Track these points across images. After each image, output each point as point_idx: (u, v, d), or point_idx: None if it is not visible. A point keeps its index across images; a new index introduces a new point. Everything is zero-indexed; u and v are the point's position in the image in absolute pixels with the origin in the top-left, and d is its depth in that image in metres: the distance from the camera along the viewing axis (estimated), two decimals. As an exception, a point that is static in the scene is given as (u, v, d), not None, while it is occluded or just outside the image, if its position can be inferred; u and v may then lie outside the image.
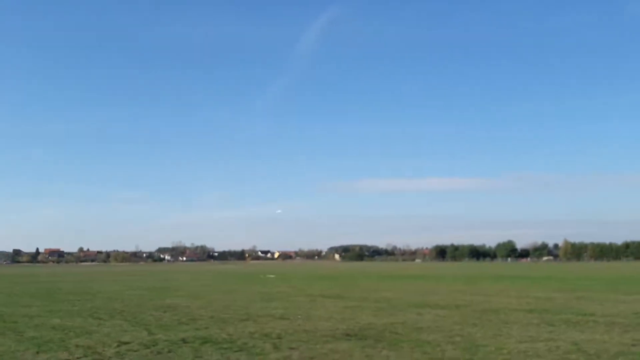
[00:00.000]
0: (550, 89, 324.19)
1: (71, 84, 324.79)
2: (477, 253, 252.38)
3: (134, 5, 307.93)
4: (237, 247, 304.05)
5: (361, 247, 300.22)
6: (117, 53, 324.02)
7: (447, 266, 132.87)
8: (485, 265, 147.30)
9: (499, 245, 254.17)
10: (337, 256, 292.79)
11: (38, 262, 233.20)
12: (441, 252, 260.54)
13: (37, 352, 13.42)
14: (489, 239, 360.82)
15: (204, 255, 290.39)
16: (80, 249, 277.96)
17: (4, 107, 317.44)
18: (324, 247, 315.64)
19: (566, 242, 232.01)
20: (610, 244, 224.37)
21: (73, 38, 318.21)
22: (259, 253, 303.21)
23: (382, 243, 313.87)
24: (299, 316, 20.32)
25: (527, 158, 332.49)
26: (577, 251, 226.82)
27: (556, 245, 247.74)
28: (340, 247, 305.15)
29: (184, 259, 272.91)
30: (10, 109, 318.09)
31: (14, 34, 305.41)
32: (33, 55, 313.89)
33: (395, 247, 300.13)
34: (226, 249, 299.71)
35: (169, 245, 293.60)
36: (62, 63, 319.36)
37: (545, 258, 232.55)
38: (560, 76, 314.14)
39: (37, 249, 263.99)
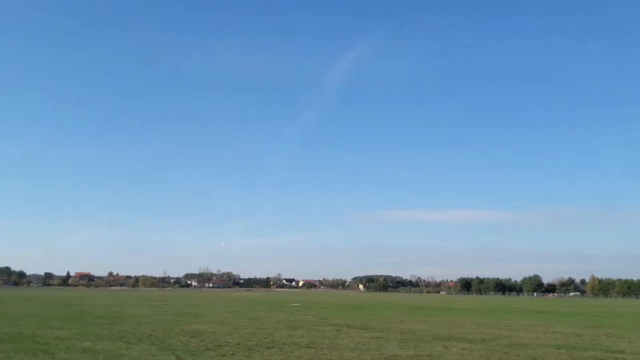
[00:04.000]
0: (579, 124, 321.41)
1: (103, 111, 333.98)
2: (503, 287, 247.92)
3: (167, 36, 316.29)
4: (262, 274, 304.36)
5: (385, 278, 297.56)
6: (149, 83, 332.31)
7: (472, 299, 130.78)
8: (511, 299, 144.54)
9: (525, 280, 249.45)
10: (361, 286, 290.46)
11: (68, 285, 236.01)
12: (466, 285, 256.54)
13: (71, 373, 13.81)
14: (515, 273, 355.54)
15: (230, 282, 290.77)
16: (110, 274, 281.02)
17: (38, 134, 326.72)
18: (348, 276, 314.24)
19: (593, 278, 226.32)
20: (639, 281, 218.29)
21: (103, 68, 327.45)
22: (284, 281, 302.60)
23: (406, 274, 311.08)
24: (324, 345, 20.42)
25: (556, 192, 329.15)
26: (604, 287, 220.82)
27: (583, 281, 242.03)
28: (365, 277, 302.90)
29: (210, 285, 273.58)
30: (45, 136, 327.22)
31: (51, 63, 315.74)
32: (66, 82, 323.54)
33: (419, 279, 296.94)
34: (251, 276, 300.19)
35: (196, 271, 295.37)
36: (94, 91, 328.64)
37: (571, 294, 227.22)
38: (588, 110, 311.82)
39: (68, 273, 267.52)
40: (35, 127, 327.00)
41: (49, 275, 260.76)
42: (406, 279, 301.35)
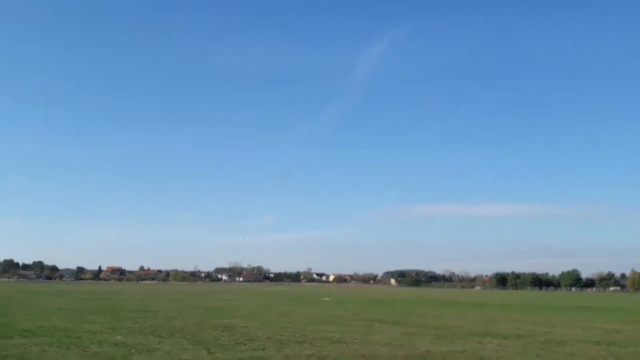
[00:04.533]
0: (618, 116, 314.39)
1: (135, 110, 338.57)
2: (540, 282, 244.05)
3: (192, 37, 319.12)
4: (292, 269, 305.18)
5: (418, 273, 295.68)
6: (176, 81, 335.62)
7: (508, 294, 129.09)
8: (548, 294, 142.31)
9: (562, 274, 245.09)
10: (392, 281, 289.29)
11: (100, 279, 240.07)
12: (502, 280, 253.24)
13: (101, 367, 13.75)
14: (553, 268, 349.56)
15: (260, 276, 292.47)
16: (141, 268, 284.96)
17: (70, 132, 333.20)
18: (379, 271, 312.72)
19: (634, 272, 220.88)
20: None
21: (134, 70, 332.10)
22: (314, 275, 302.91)
23: (439, 269, 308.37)
24: (356, 341, 20.11)
25: (595, 185, 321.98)
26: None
27: (623, 275, 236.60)
28: (397, 271, 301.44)
29: (241, 279, 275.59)
30: (79, 135, 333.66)
31: (84, 66, 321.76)
32: (98, 85, 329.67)
33: (453, 274, 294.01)
34: (282, 270, 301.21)
35: (226, 265, 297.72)
36: (125, 93, 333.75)
37: (611, 288, 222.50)
38: (627, 103, 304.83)
39: (100, 267, 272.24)
40: (67, 127, 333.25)
41: (81, 270, 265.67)
42: (439, 274, 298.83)
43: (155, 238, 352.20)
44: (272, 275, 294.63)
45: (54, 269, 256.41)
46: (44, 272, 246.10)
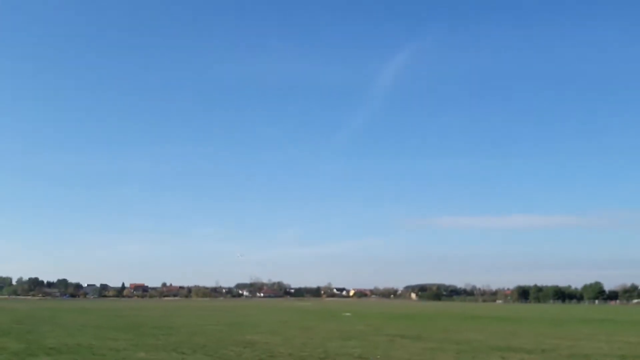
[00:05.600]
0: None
1: (155, 122, 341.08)
2: (562, 294, 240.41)
3: (210, 46, 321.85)
4: (312, 284, 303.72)
5: (439, 287, 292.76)
6: (198, 94, 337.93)
7: (530, 308, 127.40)
8: (571, 307, 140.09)
9: (585, 287, 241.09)
10: (413, 295, 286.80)
11: (123, 296, 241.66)
12: (524, 293, 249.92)
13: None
14: (575, 280, 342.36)
15: (281, 291, 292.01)
16: (164, 284, 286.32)
17: (96, 146, 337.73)
18: (400, 285, 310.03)
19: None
20: None
21: (157, 80, 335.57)
22: (334, 290, 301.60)
23: (460, 282, 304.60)
24: (378, 356, 20.11)
25: (617, 195, 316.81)
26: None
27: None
28: (417, 286, 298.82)
29: (262, 294, 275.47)
30: (102, 148, 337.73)
31: (110, 74, 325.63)
32: (117, 94, 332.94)
33: (474, 287, 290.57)
34: (302, 285, 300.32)
35: (247, 281, 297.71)
36: (149, 104, 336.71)
37: (635, 300, 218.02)
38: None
39: (123, 284, 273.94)
40: (91, 139, 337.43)
41: (104, 287, 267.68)
42: (460, 288, 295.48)
43: (177, 253, 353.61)
44: (292, 291, 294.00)
45: (77, 286, 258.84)
46: (68, 289, 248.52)
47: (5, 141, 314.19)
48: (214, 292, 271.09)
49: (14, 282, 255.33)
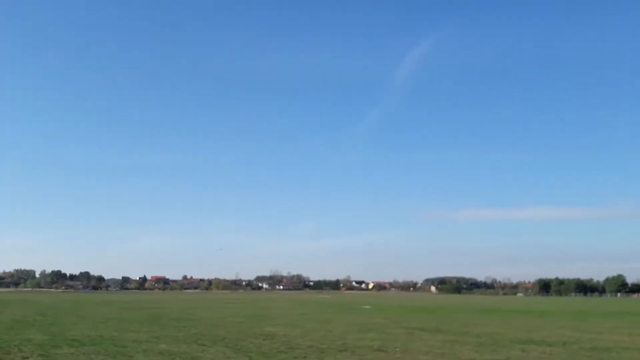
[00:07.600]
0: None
1: (173, 115, 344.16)
2: (584, 287, 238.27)
3: (230, 41, 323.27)
4: (331, 276, 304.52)
5: (459, 280, 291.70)
6: (218, 88, 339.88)
7: (551, 301, 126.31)
8: (593, 300, 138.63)
9: (607, 280, 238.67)
10: (433, 288, 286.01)
11: (145, 289, 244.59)
12: (545, 286, 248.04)
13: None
14: (597, 273, 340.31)
15: (300, 284, 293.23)
16: (184, 277, 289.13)
17: (116, 140, 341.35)
18: (419, 278, 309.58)
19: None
20: None
21: (177, 75, 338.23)
22: (354, 283, 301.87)
23: (481, 276, 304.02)
24: (397, 349, 20.07)
25: (639, 186, 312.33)
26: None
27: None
28: (437, 278, 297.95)
29: (281, 287, 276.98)
30: (123, 142, 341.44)
31: (132, 67, 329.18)
32: (143, 89, 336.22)
33: (495, 280, 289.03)
34: (321, 278, 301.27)
35: (266, 273, 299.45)
36: (169, 98, 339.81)
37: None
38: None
39: (145, 276, 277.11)
40: (112, 133, 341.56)
41: (126, 279, 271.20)
42: (480, 281, 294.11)
43: (198, 246, 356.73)
44: (311, 284, 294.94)
45: (100, 279, 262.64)
46: (91, 282, 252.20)
47: (28, 135, 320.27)
48: (234, 284, 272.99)
49: (37, 275, 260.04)
